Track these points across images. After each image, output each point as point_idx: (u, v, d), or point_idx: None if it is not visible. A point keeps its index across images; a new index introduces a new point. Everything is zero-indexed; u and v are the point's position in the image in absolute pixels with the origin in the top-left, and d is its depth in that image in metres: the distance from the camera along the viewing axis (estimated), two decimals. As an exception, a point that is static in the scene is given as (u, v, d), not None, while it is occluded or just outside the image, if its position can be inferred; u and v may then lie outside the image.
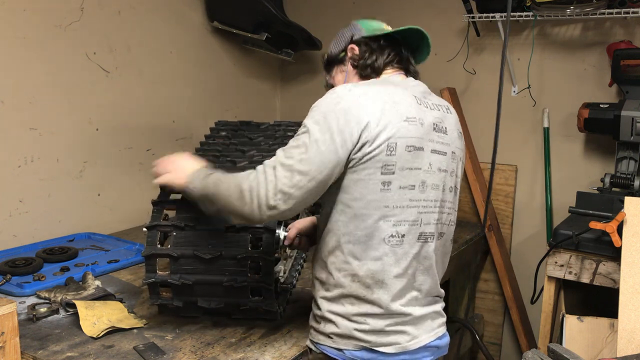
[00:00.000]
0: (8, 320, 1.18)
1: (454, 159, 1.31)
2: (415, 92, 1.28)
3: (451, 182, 1.31)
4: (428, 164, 1.24)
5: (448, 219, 1.33)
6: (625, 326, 1.49)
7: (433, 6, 2.61)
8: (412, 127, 1.20)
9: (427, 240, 1.27)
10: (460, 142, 1.35)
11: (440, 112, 1.30)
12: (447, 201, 1.31)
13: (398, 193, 1.20)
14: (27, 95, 1.96)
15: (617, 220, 1.63)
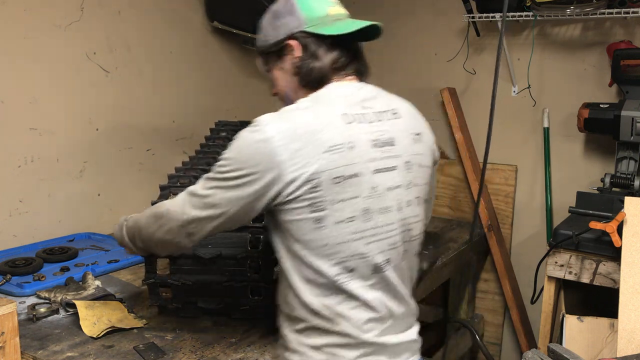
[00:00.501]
0: (8, 320, 1.18)
1: (409, 168, 1.19)
2: (350, 105, 1.16)
3: (410, 195, 1.20)
4: (370, 189, 1.12)
5: (409, 235, 1.22)
6: (625, 326, 1.49)
7: (433, 6, 2.61)
8: (336, 156, 1.09)
9: (383, 270, 1.16)
10: (418, 145, 1.22)
11: (383, 122, 1.18)
12: (408, 217, 1.20)
13: (335, 229, 1.10)
14: (27, 95, 1.96)
15: (617, 220, 1.63)
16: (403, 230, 1.19)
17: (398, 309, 1.21)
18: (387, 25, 2.82)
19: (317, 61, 1.21)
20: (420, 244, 1.28)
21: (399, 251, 1.19)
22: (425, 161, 1.25)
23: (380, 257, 1.15)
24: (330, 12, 1.27)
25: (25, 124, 1.98)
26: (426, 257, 2.05)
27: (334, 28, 1.22)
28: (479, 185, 2.10)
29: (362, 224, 1.12)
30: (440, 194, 2.68)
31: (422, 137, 1.25)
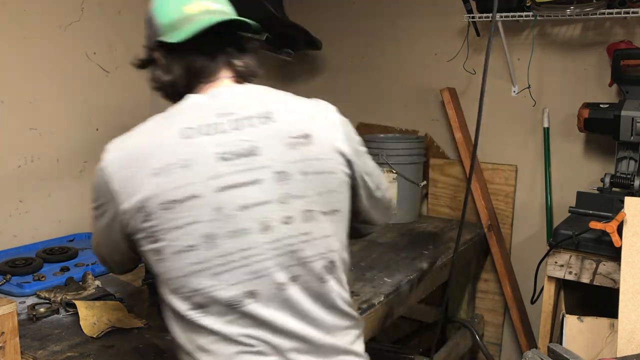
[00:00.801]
0: (8, 320, 1.18)
1: (284, 179, 1.01)
2: (199, 116, 1.03)
3: (290, 211, 1.01)
4: (213, 210, 0.98)
5: (298, 258, 1.02)
6: (625, 326, 1.49)
7: (433, 6, 2.61)
8: (165, 179, 0.98)
9: (243, 305, 0.99)
10: (302, 150, 1.04)
11: (243, 130, 1.02)
12: (290, 237, 1.01)
13: (175, 260, 0.98)
14: (27, 95, 1.96)
15: (617, 220, 1.63)
16: (282, 253, 1.01)
17: (290, 344, 1.03)
18: (387, 25, 2.84)
19: (167, 74, 1.13)
20: (330, 265, 1.07)
21: (274, 279, 1.01)
22: (322, 166, 1.05)
23: (234, 290, 0.98)
24: (188, 10, 1.11)
25: (25, 124, 1.98)
26: (426, 257, 2.06)
27: (182, 32, 1.08)
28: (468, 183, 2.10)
29: (205, 252, 0.97)
30: (440, 194, 2.68)
31: (313, 139, 1.05)
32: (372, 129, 2.85)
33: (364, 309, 1.61)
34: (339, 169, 1.08)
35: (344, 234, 1.13)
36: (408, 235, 2.34)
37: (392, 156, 2.43)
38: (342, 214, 1.11)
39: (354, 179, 1.13)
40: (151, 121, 1.08)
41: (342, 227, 1.11)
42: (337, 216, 1.09)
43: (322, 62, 2.98)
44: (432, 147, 2.70)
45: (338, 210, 1.09)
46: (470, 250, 2.38)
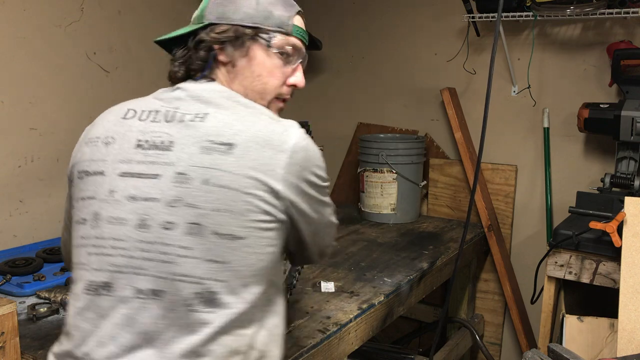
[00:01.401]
0: (8, 320, 1.18)
1: (183, 182, 0.94)
2: (152, 100, 1.06)
3: (175, 217, 0.93)
4: (107, 191, 0.97)
5: (168, 272, 0.93)
6: (625, 326, 1.49)
7: (433, 6, 2.61)
8: (88, 149, 1.03)
9: (99, 293, 0.95)
10: (207, 157, 0.95)
11: (173, 124, 0.99)
12: (163, 244, 0.93)
13: (75, 229, 1.01)
14: (27, 95, 1.96)
15: (617, 220, 1.63)
16: (151, 258, 0.94)
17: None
18: (387, 25, 2.84)
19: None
20: (209, 296, 0.93)
21: (134, 282, 0.94)
22: (231, 182, 0.93)
23: (98, 276, 0.96)
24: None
25: (25, 124, 1.98)
26: (426, 257, 2.06)
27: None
28: (474, 183, 2.10)
29: (90, 229, 0.98)
30: (440, 194, 2.68)
31: (236, 151, 0.95)
32: (372, 129, 2.85)
33: (364, 309, 1.62)
34: (257, 194, 0.95)
35: (248, 270, 0.96)
36: (408, 235, 2.35)
37: (392, 156, 2.43)
38: (248, 245, 0.95)
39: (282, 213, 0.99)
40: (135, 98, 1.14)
41: (244, 259, 0.95)
42: (237, 244, 0.94)
43: (322, 62, 2.98)
44: (432, 147, 2.70)
45: (241, 238, 0.94)
46: (470, 250, 2.38)
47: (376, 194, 2.48)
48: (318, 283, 1.78)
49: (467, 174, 2.53)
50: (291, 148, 0.98)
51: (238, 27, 1.09)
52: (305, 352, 1.38)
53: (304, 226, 1.04)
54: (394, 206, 2.49)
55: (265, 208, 0.96)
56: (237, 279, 0.95)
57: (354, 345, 1.59)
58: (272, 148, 0.97)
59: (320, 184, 1.04)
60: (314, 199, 1.03)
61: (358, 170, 2.57)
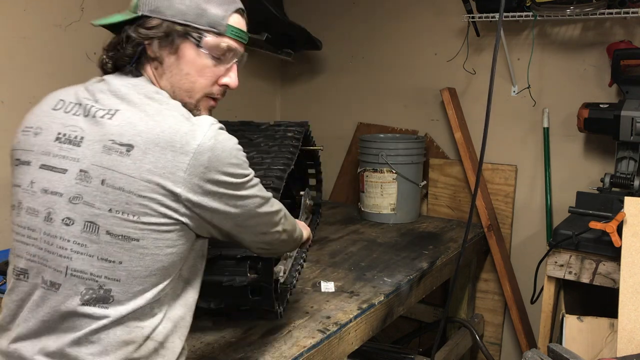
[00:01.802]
0: (8, 320, 1.18)
1: (83, 180, 0.97)
2: (79, 92, 1.07)
3: (74, 213, 0.97)
4: (29, 182, 1.02)
5: (60, 265, 0.97)
6: (625, 326, 1.49)
7: (433, 6, 2.61)
8: (22, 138, 1.07)
9: (20, 278, 1.01)
10: (107, 157, 0.96)
11: (86, 119, 1.01)
12: (60, 238, 0.97)
13: (10, 214, 1.07)
14: (27, 95, 1.96)
15: (617, 220, 1.63)
16: (51, 251, 0.98)
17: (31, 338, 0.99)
18: (387, 25, 2.84)
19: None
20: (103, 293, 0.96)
21: (39, 271, 0.99)
22: (127, 185, 0.95)
23: (19, 262, 1.02)
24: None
25: (25, 124, 1.97)
26: (426, 257, 2.06)
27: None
28: (479, 185, 2.10)
29: (16, 217, 1.04)
30: (440, 194, 2.68)
31: (134, 154, 0.95)
32: (372, 129, 2.85)
33: (364, 309, 1.62)
34: (153, 197, 0.95)
35: (145, 271, 0.97)
36: (408, 235, 2.35)
37: (392, 156, 2.43)
38: (143, 247, 0.96)
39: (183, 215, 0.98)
40: (75, 85, 1.12)
41: (139, 260, 0.97)
42: (131, 245, 0.96)
43: (322, 62, 2.98)
44: (432, 147, 2.70)
45: (135, 239, 0.96)
46: (470, 250, 2.38)
47: (376, 194, 2.48)
48: (318, 283, 1.78)
49: (467, 174, 2.53)
50: (194, 149, 0.96)
51: (169, 24, 1.07)
52: (305, 352, 1.38)
53: (223, 222, 1.04)
54: (394, 206, 2.49)
55: (163, 211, 0.96)
56: (132, 278, 0.97)
57: (354, 345, 1.59)
58: (173, 150, 0.95)
59: (233, 181, 1.01)
60: (227, 195, 1.01)
61: (358, 170, 2.57)
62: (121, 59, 1.09)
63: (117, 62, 1.10)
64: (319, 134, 2.85)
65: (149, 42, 1.08)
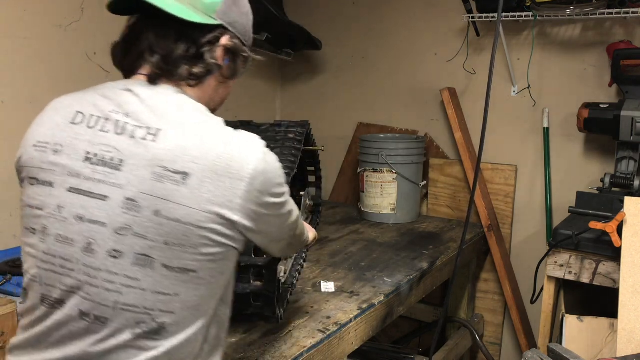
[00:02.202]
0: (8, 320, 1.18)
1: (132, 209, 0.88)
2: (100, 104, 0.96)
3: (123, 245, 0.88)
4: (56, 206, 0.92)
5: (110, 300, 0.89)
6: (625, 326, 1.49)
7: (433, 6, 2.61)
8: (37, 154, 0.97)
9: (54, 307, 0.92)
10: (159, 185, 0.87)
11: (122, 138, 0.91)
12: (108, 272, 0.89)
13: (23, 234, 0.97)
14: (27, 95, 1.96)
15: (617, 220, 1.63)
16: (96, 285, 0.89)
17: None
18: (387, 25, 2.84)
19: (115, 44, 1.07)
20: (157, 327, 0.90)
21: (78, 304, 0.90)
22: (184, 216, 0.87)
23: (51, 291, 0.93)
24: None
25: (26, 124, 1.97)
26: (426, 257, 2.06)
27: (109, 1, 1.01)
28: (475, 184, 2.10)
29: (39, 242, 0.93)
30: (440, 194, 2.68)
31: (190, 182, 0.87)
32: (372, 129, 2.85)
33: (364, 309, 1.62)
34: (212, 227, 0.89)
35: (199, 299, 0.93)
36: (408, 235, 2.35)
37: (392, 156, 2.43)
38: (200, 277, 0.91)
39: (236, 241, 0.94)
40: (82, 91, 1.03)
41: (194, 290, 0.92)
42: (189, 277, 0.90)
43: (322, 62, 2.98)
44: (432, 147, 2.70)
45: (193, 271, 0.90)
46: (470, 250, 2.38)
47: (376, 194, 2.48)
48: (318, 283, 1.78)
49: (467, 174, 2.53)
50: (250, 175, 0.90)
51: (239, 44, 1.02)
52: (306, 352, 1.38)
53: (260, 240, 1.00)
54: (394, 206, 2.49)
55: (220, 240, 0.91)
56: (186, 309, 0.91)
57: (354, 345, 1.59)
58: (230, 177, 0.89)
59: (278, 201, 0.97)
60: (273, 215, 0.98)
61: (358, 170, 2.57)
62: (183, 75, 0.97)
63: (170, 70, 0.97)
64: (319, 134, 2.84)
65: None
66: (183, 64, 0.97)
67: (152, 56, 0.97)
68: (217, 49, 0.99)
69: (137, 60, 1.01)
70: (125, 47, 1.04)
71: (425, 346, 2.63)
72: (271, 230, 1.00)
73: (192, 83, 0.99)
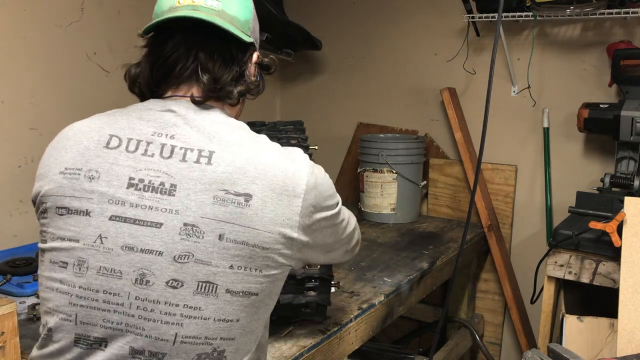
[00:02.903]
0: (8, 320, 1.18)
1: (193, 235, 0.85)
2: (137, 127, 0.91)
3: (182, 274, 0.84)
4: (96, 237, 0.85)
5: (169, 333, 0.84)
6: (625, 326, 1.49)
7: (433, 6, 2.61)
8: (66, 182, 0.89)
9: (92, 347, 0.86)
10: (222, 209, 0.85)
11: (172, 161, 0.87)
12: (166, 304, 0.84)
13: (48, 269, 0.89)
14: (27, 95, 1.96)
15: (617, 220, 1.63)
16: (152, 319, 0.84)
17: None
18: (387, 25, 2.84)
19: (137, 67, 1.01)
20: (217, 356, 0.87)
21: (128, 341, 0.85)
22: (251, 238, 0.86)
23: (91, 330, 0.86)
24: (180, 2, 0.96)
25: (25, 124, 1.98)
26: (426, 257, 2.06)
27: (151, 22, 0.96)
28: (476, 184, 2.09)
29: (73, 276, 0.86)
30: (440, 194, 2.68)
31: (254, 204, 0.86)
32: (372, 129, 2.85)
33: (364, 309, 1.62)
34: (276, 248, 0.89)
35: (255, 323, 0.91)
36: (408, 235, 2.35)
37: (392, 156, 2.43)
38: (260, 300, 0.90)
39: (294, 259, 0.94)
40: (105, 114, 0.99)
41: (253, 314, 0.90)
42: (250, 300, 0.88)
43: (322, 62, 2.98)
44: (432, 147, 2.70)
45: (255, 294, 0.89)
46: (470, 250, 2.38)
47: (376, 194, 2.48)
48: (318, 283, 1.78)
49: (467, 174, 2.53)
50: (304, 190, 0.91)
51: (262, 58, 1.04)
52: (306, 351, 1.38)
53: (316, 254, 1.00)
54: (394, 206, 2.49)
55: (281, 260, 0.91)
56: (245, 334, 0.90)
57: (354, 345, 1.59)
58: (287, 195, 0.89)
59: (332, 212, 0.97)
60: (327, 227, 0.98)
61: (358, 170, 2.57)
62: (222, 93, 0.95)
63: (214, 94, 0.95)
64: (319, 134, 2.85)
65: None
66: (230, 85, 0.96)
67: (202, 77, 0.94)
68: (251, 67, 1.01)
69: (175, 84, 0.97)
70: (167, 68, 0.97)
71: (425, 346, 2.63)
72: (327, 241, 1.00)
73: (234, 102, 0.98)
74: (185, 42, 0.96)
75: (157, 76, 0.98)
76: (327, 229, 0.98)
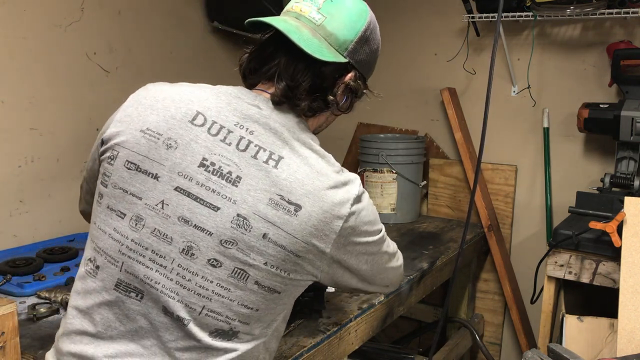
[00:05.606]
0: (8, 320, 1.18)
1: (241, 227, 0.91)
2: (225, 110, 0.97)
3: (223, 257, 0.92)
4: (158, 201, 0.92)
5: (200, 304, 0.92)
6: (625, 326, 1.49)
7: (433, 6, 2.61)
8: (144, 141, 0.95)
9: (130, 295, 0.94)
10: (273, 211, 0.92)
11: (246, 158, 0.93)
12: (201, 277, 0.92)
13: (105, 213, 0.96)
14: (27, 95, 1.96)
15: (617, 220, 1.63)
16: (188, 288, 0.92)
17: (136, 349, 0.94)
18: (387, 25, 2.84)
19: (243, 56, 1.09)
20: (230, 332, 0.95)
21: (161, 300, 0.93)
22: (289, 244, 0.93)
23: (131, 279, 0.94)
24: (292, 8, 1.07)
25: (25, 124, 1.98)
26: (426, 257, 2.06)
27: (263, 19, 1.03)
28: (476, 184, 2.09)
29: (128, 229, 0.94)
30: (440, 194, 2.68)
31: (301, 215, 0.93)
32: (372, 129, 2.85)
33: (364, 309, 1.62)
34: (308, 257, 0.96)
35: (270, 316, 1.00)
36: (408, 235, 2.35)
37: (392, 156, 2.43)
38: (280, 298, 0.98)
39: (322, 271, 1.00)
40: (196, 86, 1.03)
41: (272, 308, 0.98)
42: (273, 296, 0.96)
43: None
44: (432, 147, 2.70)
45: (278, 292, 0.97)
46: (470, 250, 2.38)
47: (376, 194, 2.48)
48: (318, 283, 1.78)
49: (467, 174, 2.53)
50: (347, 213, 0.96)
51: (362, 82, 1.11)
52: (306, 351, 1.38)
53: (348, 277, 1.05)
54: (394, 206, 2.49)
55: (309, 269, 0.98)
56: (258, 322, 0.98)
57: (354, 345, 1.59)
58: (332, 214, 0.95)
59: (371, 240, 1.03)
60: (363, 253, 1.04)
61: (358, 170, 2.56)
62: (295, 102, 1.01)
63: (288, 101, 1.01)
64: (319, 134, 2.85)
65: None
66: (305, 97, 1.01)
67: (280, 82, 1.00)
68: (340, 87, 1.06)
69: (264, 78, 1.04)
70: (256, 64, 1.05)
71: (425, 346, 2.63)
72: (362, 267, 1.05)
73: (308, 114, 1.05)
74: (276, 43, 1.03)
75: (253, 66, 1.06)
76: (363, 255, 1.04)
